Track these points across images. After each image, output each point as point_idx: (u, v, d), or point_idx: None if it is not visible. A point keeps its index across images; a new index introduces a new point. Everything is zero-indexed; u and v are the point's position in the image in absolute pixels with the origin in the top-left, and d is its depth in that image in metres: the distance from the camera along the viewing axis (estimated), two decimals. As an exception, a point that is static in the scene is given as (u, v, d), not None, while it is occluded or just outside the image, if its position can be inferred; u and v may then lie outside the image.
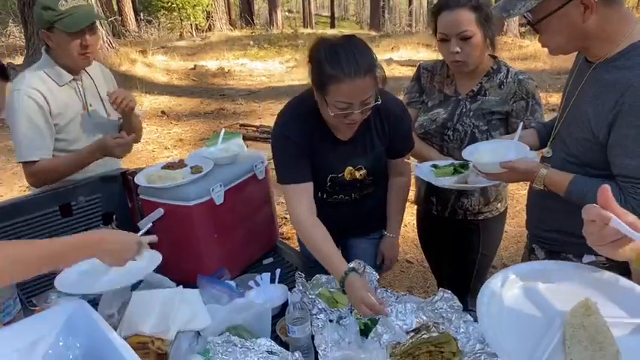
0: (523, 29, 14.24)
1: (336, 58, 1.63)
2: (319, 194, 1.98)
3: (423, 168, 2.04)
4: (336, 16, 31.04)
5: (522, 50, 11.24)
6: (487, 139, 2.04)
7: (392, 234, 2.16)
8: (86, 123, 2.23)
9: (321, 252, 1.78)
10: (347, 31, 20.07)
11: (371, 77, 1.65)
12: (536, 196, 1.81)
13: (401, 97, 2.20)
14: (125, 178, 2.12)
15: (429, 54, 11.30)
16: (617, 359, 1.02)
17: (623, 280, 1.17)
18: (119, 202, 2.13)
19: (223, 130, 2.19)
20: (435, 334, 1.60)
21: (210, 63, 12.25)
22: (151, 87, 9.31)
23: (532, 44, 11.23)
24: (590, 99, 1.52)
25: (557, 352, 1.05)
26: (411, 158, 2.06)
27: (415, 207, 2.53)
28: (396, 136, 1.94)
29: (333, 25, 27.75)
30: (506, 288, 1.18)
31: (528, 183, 1.76)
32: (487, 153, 1.74)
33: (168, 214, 1.92)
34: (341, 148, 1.89)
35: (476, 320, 1.63)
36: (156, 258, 1.76)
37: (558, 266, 1.25)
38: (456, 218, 2.25)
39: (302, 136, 1.83)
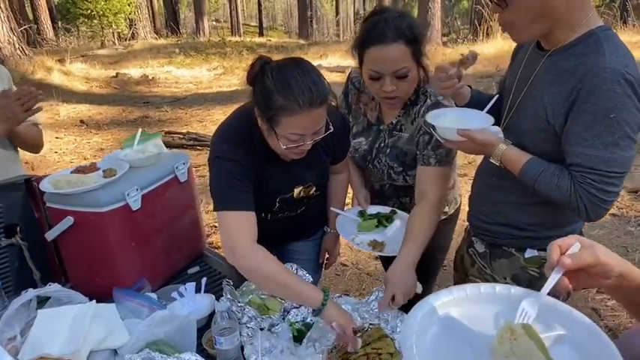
0: (445, 38, 14.65)
1: (288, 86, 1.45)
2: (263, 215, 1.82)
3: (347, 218, 2.00)
4: (264, 25, 30.93)
5: (445, 57, 11.62)
6: (404, 179, 1.93)
7: (334, 230, 2.08)
8: None
9: (284, 284, 1.56)
10: (275, 40, 20.03)
11: (325, 106, 1.52)
12: (481, 187, 1.76)
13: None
14: (30, 186, 1.91)
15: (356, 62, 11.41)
16: None
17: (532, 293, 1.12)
18: (23, 213, 1.91)
19: (140, 131, 2.03)
20: (370, 334, 1.53)
21: (134, 71, 11.79)
22: (69, 96, 8.81)
23: (454, 51, 11.62)
24: (545, 86, 1.45)
25: None
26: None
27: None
28: (339, 147, 1.86)
29: (261, 34, 27.63)
30: (424, 326, 1.08)
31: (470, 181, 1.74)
32: (451, 119, 1.62)
33: (79, 222, 1.74)
34: (289, 169, 1.75)
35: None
36: None
37: (465, 292, 1.17)
38: None
39: (249, 161, 1.64)
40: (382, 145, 1.94)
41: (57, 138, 6.48)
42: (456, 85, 1.62)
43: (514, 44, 1.67)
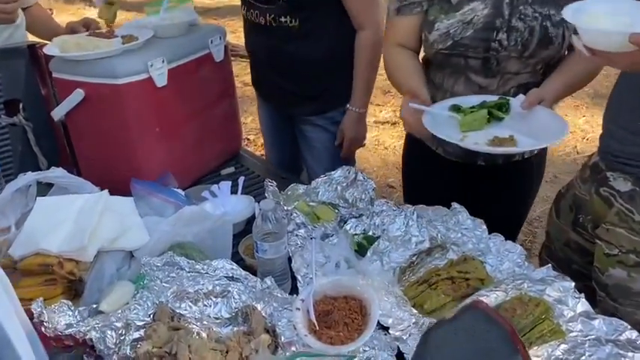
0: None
1: None
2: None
3: (436, 114, 1.32)
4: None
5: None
6: (563, 33, 1.34)
7: (355, 107, 1.78)
8: None
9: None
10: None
11: None
12: (628, 100, 1.22)
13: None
14: (34, 54, 1.57)
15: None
16: None
17: None
18: (27, 87, 1.58)
19: (168, -3, 1.65)
20: (453, 257, 1.19)
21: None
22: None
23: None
24: None
25: None
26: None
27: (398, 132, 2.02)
28: None
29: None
30: None
31: None
32: (602, 17, 1.07)
33: (91, 97, 1.40)
34: None
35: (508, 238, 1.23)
36: None
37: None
38: (512, 160, 1.54)
39: None
40: None
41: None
42: None
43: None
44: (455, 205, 1.27)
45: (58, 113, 1.48)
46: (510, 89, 1.41)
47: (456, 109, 1.34)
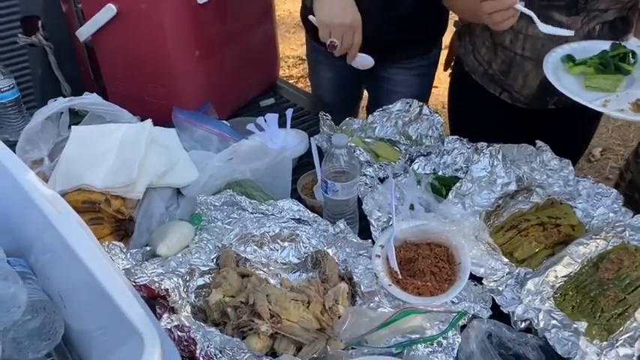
0: None
1: None
2: None
3: (554, 64, 1.18)
4: None
5: None
6: None
7: None
8: None
9: None
10: None
11: None
12: None
13: None
14: (53, -37, 1.39)
15: None
16: None
17: None
18: (47, 1, 1.41)
19: None
20: (537, 200, 1.07)
21: None
22: None
23: None
24: None
25: None
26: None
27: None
28: None
29: None
30: None
31: None
32: None
33: (124, 14, 1.24)
34: None
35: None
36: None
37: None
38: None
39: None
40: None
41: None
42: None
43: None
44: (540, 143, 1.14)
45: (84, 33, 1.31)
46: (595, 26, 1.25)
47: (571, 60, 1.19)
